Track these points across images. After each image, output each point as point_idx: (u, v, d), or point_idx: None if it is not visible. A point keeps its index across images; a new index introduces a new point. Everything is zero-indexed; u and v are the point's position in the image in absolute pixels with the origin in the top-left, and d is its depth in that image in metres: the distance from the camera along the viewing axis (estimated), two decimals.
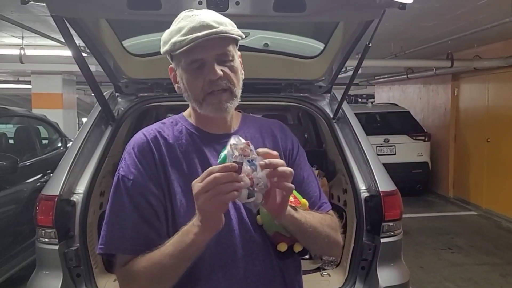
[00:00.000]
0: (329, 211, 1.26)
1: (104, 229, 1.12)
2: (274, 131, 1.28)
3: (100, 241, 1.12)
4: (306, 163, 1.30)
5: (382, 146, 8.02)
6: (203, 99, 1.12)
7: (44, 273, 2.26)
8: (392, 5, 1.75)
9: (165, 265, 1.02)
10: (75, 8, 1.85)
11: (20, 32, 6.35)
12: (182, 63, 1.12)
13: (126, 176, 1.12)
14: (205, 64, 1.10)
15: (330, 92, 2.97)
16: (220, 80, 1.10)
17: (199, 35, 1.05)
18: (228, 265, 1.11)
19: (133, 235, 1.08)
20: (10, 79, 11.53)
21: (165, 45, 1.12)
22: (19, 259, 3.75)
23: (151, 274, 1.04)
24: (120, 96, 2.85)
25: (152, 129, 1.21)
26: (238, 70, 1.15)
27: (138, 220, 1.09)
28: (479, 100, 7.65)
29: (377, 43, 2.43)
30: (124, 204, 1.10)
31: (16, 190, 3.82)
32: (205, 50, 1.08)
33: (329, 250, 1.29)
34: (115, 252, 1.10)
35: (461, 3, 4.73)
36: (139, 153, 1.14)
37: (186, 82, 1.14)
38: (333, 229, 1.21)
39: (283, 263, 1.18)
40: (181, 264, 1.03)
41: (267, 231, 1.16)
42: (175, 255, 1.01)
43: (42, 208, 2.24)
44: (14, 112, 4.78)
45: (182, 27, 1.08)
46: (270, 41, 2.67)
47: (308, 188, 1.24)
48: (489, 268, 4.71)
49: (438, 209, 7.64)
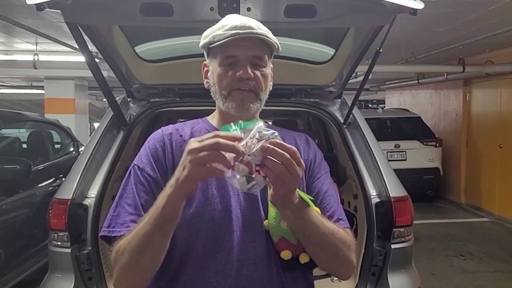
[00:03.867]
0: (345, 229, 1.17)
1: (109, 213, 1.15)
2: (298, 142, 1.29)
3: (104, 225, 1.14)
4: (328, 178, 1.27)
5: (393, 151, 7.97)
6: (228, 94, 1.15)
7: (56, 276, 2.28)
8: (403, 11, 1.74)
9: (142, 234, 1.00)
10: (89, 14, 1.87)
11: (34, 38, 6.45)
12: (217, 57, 1.16)
13: (136, 164, 1.17)
14: (238, 62, 1.13)
15: (341, 98, 2.96)
16: (248, 80, 1.13)
17: (240, 31, 1.10)
18: (222, 266, 1.10)
19: (133, 218, 1.10)
20: (24, 85, 11.68)
21: (205, 39, 1.16)
22: (31, 262, 3.78)
23: (131, 246, 1.02)
24: (132, 101, 2.88)
25: (171, 126, 1.26)
26: (268, 78, 1.19)
27: (138, 205, 1.11)
28: (491, 105, 7.58)
29: (388, 48, 2.43)
30: (129, 189, 1.14)
31: (29, 194, 3.86)
32: (241, 48, 1.12)
33: (338, 266, 1.16)
34: (114, 234, 1.10)
35: (472, 8, 4.71)
36: (153, 145, 1.19)
37: (216, 76, 1.17)
38: (345, 244, 1.12)
39: (287, 275, 1.15)
40: (156, 231, 0.98)
41: (273, 236, 1.13)
42: (149, 221, 0.99)
43: (55, 212, 2.26)
44: (28, 117, 4.83)
45: (225, 24, 1.13)
46: (281, 46, 2.67)
47: (325, 201, 1.20)
48: (502, 276, 4.65)
49: (449, 216, 7.56)
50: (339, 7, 1.88)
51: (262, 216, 1.15)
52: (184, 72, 2.59)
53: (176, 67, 2.66)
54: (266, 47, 1.16)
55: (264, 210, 1.15)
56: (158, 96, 2.85)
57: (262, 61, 1.16)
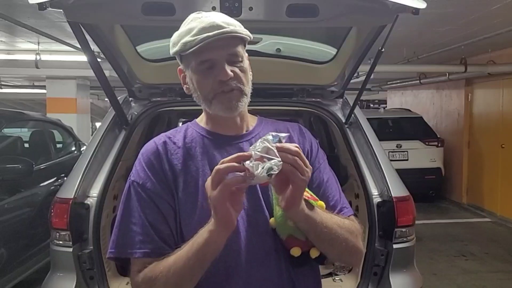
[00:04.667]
0: (350, 216, 1.20)
1: (114, 233, 1.13)
2: (292, 133, 1.27)
3: (110, 246, 1.13)
4: (327, 165, 1.28)
5: (395, 151, 7.96)
6: (213, 98, 1.13)
7: (58, 275, 2.28)
8: (406, 10, 1.74)
9: (180, 268, 1.01)
10: (91, 14, 1.88)
11: (36, 38, 6.46)
12: (192, 64, 1.12)
13: (135, 180, 1.14)
14: (215, 64, 1.10)
15: (343, 97, 2.96)
16: (230, 81, 1.10)
17: (209, 34, 1.05)
18: (231, 269, 1.09)
19: (141, 238, 1.08)
20: (26, 84, 11.70)
21: (175, 46, 1.12)
22: (33, 261, 3.79)
23: (167, 279, 1.02)
24: (133, 101, 2.88)
25: (162, 135, 1.23)
26: (247, 71, 1.16)
27: (146, 224, 1.09)
28: (493, 105, 7.56)
29: (390, 48, 2.43)
30: (133, 208, 1.12)
31: (31, 193, 3.87)
32: (215, 50, 1.08)
33: (348, 256, 1.18)
34: (124, 256, 1.10)
35: (475, 8, 4.70)
36: (148, 158, 1.16)
37: (196, 82, 1.14)
38: (353, 234, 1.14)
39: (296, 272, 1.15)
40: (196, 266, 1.01)
41: (280, 235, 1.13)
42: (189, 257, 1.00)
43: (56, 211, 2.26)
44: (30, 116, 4.84)
45: (192, 28, 1.09)
46: (282, 46, 2.68)
47: (327, 191, 1.21)
48: (504, 276, 4.64)
49: (451, 216, 7.55)
50: (341, 7, 1.87)
51: (266, 215, 1.14)
52: None
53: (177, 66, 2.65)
54: (239, 41, 1.12)
55: (268, 209, 1.14)
56: (159, 96, 2.85)
57: (238, 56, 1.12)
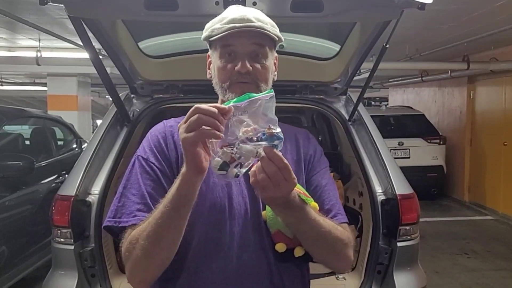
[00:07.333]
0: (342, 224, 1.19)
1: (113, 203, 1.14)
2: (298, 137, 1.31)
3: (108, 215, 1.13)
4: (327, 173, 1.29)
5: (397, 149, 7.94)
6: (228, 87, 1.14)
7: (59, 273, 2.27)
8: (411, 5, 1.72)
9: (158, 218, 0.99)
10: (93, 9, 1.85)
11: (37, 35, 6.43)
12: (217, 49, 1.16)
13: (140, 155, 1.18)
14: (237, 55, 1.13)
15: (346, 94, 2.94)
16: (247, 74, 1.12)
17: (236, 25, 1.09)
18: (224, 252, 1.11)
19: (138, 207, 1.10)
20: (27, 81, 11.69)
21: (206, 31, 1.16)
22: (34, 259, 3.78)
23: (147, 232, 1.01)
24: (135, 98, 2.86)
25: (172, 119, 1.28)
26: (269, 70, 1.17)
27: (145, 194, 1.11)
28: (496, 103, 7.54)
29: (392, 45, 2.40)
30: (135, 180, 1.14)
31: (32, 190, 3.86)
32: (240, 42, 1.12)
33: (333, 261, 1.17)
34: (120, 224, 1.10)
35: (478, 4, 4.67)
36: (155, 137, 1.20)
37: (216, 68, 1.16)
38: (342, 242, 1.12)
39: (283, 266, 1.16)
40: (172, 216, 0.99)
41: (270, 228, 1.14)
42: (165, 204, 0.99)
43: (58, 208, 2.25)
44: (31, 114, 4.83)
45: (225, 17, 1.13)
46: (285, 42, 2.64)
47: (324, 195, 1.22)
48: (507, 274, 4.63)
49: (453, 214, 7.54)
50: (346, 2, 1.85)
51: (261, 206, 1.16)
52: (188, 68, 2.57)
53: (180, 63, 2.64)
54: (266, 39, 1.14)
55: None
56: (161, 92, 2.83)
57: (262, 54, 1.14)
